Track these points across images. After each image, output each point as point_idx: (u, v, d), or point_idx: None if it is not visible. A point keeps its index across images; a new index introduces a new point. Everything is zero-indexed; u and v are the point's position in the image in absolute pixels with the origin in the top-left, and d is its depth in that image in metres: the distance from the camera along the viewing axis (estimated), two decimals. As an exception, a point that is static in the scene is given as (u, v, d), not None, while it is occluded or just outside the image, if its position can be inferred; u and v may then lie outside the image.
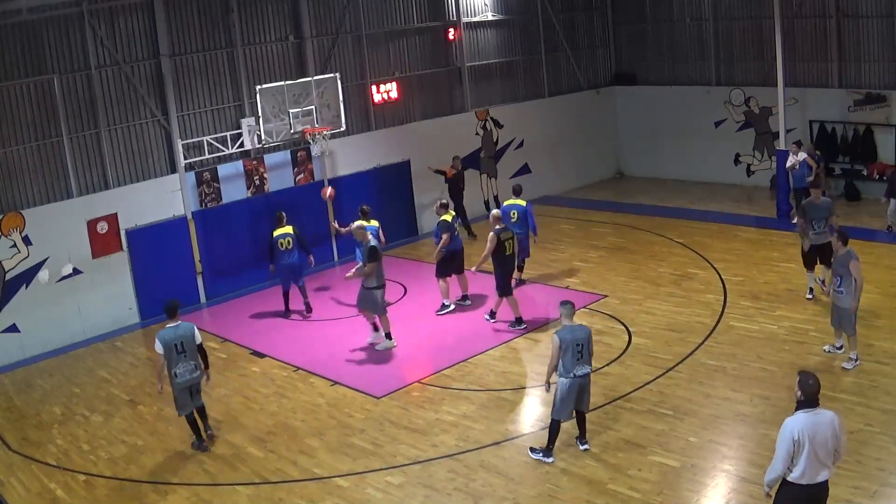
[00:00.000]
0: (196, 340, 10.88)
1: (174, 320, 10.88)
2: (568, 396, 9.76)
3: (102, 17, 15.74)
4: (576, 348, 9.63)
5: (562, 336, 9.66)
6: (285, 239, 15.36)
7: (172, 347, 10.72)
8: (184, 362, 10.79)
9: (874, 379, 11.04)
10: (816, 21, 20.39)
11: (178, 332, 10.80)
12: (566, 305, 9.97)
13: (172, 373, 10.78)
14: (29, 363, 14.92)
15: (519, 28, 22.58)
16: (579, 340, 9.65)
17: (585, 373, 9.75)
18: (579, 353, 9.65)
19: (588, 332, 9.81)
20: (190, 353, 10.82)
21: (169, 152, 16.75)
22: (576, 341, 9.64)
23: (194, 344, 10.86)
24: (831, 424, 7.10)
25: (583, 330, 9.79)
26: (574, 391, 9.74)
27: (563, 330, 9.76)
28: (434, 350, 13.86)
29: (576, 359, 9.65)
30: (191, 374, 10.88)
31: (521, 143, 22.46)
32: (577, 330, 9.75)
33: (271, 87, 16.61)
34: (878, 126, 19.42)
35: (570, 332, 9.71)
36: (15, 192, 15.10)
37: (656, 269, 16.37)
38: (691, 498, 8.96)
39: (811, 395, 7.15)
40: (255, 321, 15.89)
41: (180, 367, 10.78)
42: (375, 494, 9.71)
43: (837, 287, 11.39)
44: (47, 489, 10.53)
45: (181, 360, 10.76)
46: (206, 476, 10.47)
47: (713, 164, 22.69)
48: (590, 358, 9.81)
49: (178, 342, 10.74)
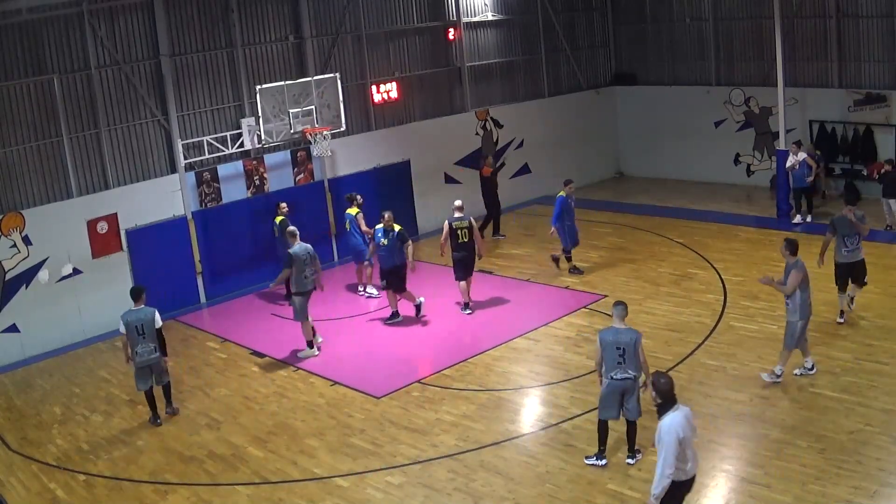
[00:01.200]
0: (156, 324, 11.68)
1: (138, 304, 11.75)
2: (607, 398, 9.57)
3: (102, 17, 15.75)
4: (616, 351, 9.37)
5: (602, 336, 9.51)
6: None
7: (133, 329, 11.60)
8: (142, 343, 11.65)
9: (874, 379, 11.03)
10: (816, 21, 20.40)
11: (139, 315, 11.65)
12: (618, 307, 9.67)
13: (133, 352, 11.69)
14: (29, 363, 14.92)
15: (519, 28, 22.58)
16: (621, 344, 9.36)
17: (625, 377, 9.40)
18: (621, 356, 9.36)
19: (633, 337, 9.40)
20: (149, 335, 11.65)
21: (169, 152, 16.76)
22: (617, 344, 9.37)
23: (154, 327, 11.66)
24: (692, 417, 7.57)
25: (628, 334, 9.43)
26: (614, 393, 9.49)
27: (606, 331, 9.57)
28: (434, 350, 13.87)
29: (616, 362, 9.39)
30: (149, 354, 11.71)
31: (521, 143, 22.46)
32: (621, 333, 9.44)
33: (271, 87, 16.61)
34: (878, 126, 19.43)
35: (614, 333, 9.46)
36: (15, 192, 15.10)
37: (656, 269, 16.37)
38: (691, 498, 8.93)
39: (669, 395, 7.44)
40: (255, 321, 15.89)
41: (139, 348, 11.66)
42: (375, 494, 9.71)
43: (786, 300, 11.07)
44: (47, 489, 10.53)
45: (140, 341, 11.64)
46: (206, 476, 10.47)
47: (713, 164, 22.70)
48: (635, 363, 9.41)
49: (138, 324, 11.61)
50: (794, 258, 10.99)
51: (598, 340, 9.54)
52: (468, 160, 21.36)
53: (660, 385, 7.46)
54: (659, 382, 7.47)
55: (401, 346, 14.07)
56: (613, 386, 9.46)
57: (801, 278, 10.81)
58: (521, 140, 22.44)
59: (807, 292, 10.92)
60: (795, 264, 10.92)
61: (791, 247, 11.04)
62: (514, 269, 17.28)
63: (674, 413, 7.39)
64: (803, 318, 10.93)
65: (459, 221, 14.92)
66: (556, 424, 10.83)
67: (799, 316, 10.91)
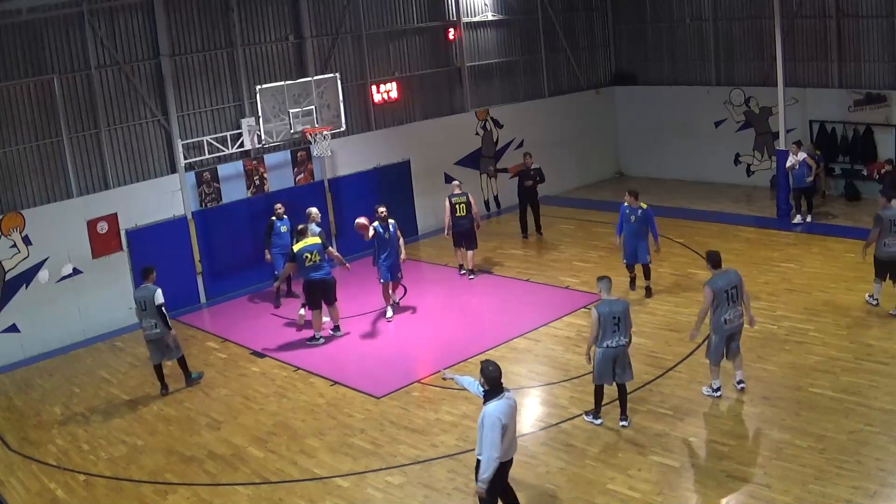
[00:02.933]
0: (156, 301, 12.41)
1: (146, 282, 12.65)
2: (602, 365, 10.29)
3: (102, 17, 15.75)
4: (612, 321, 10.14)
5: (600, 310, 10.17)
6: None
7: (138, 304, 12.64)
8: (145, 319, 12.59)
9: (874, 379, 11.03)
10: (816, 21, 20.40)
11: (143, 293, 12.58)
12: (605, 280, 10.43)
13: (141, 326, 12.77)
14: (29, 363, 14.92)
15: (519, 28, 22.58)
16: (616, 313, 10.16)
17: (619, 344, 10.21)
18: (616, 325, 10.16)
19: (625, 305, 10.35)
20: (150, 311, 12.48)
21: (169, 152, 16.76)
22: (612, 314, 10.15)
23: (154, 304, 12.40)
24: (516, 406, 7.96)
25: (619, 303, 10.33)
26: (608, 360, 10.25)
27: (601, 304, 10.28)
28: (434, 350, 13.87)
29: (612, 331, 10.17)
30: (150, 329, 12.57)
31: (521, 143, 22.45)
32: (614, 304, 10.27)
33: (271, 87, 16.60)
34: (878, 126, 19.42)
35: (608, 305, 10.23)
36: (15, 192, 15.10)
37: (656, 269, 16.34)
38: (691, 498, 8.96)
39: (496, 381, 7.81)
40: (255, 321, 15.89)
41: (143, 322, 12.65)
42: (375, 494, 9.71)
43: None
44: (47, 489, 10.53)
45: (144, 316, 12.59)
46: (206, 476, 10.47)
47: (713, 164, 22.69)
48: (627, 330, 10.28)
49: (142, 301, 12.58)
50: (713, 271, 10.81)
51: (594, 316, 10.17)
52: (468, 160, 21.36)
53: (487, 372, 7.81)
54: (487, 370, 7.82)
55: (401, 346, 14.08)
56: (609, 353, 10.24)
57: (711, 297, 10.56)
58: (521, 140, 22.44)
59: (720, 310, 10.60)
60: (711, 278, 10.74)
61: (711, 261, 10.88)
62: (514, 269, 17.28)
63: (498, 401, 7.75)
64: (717, 333, 10.73)
65: (458, 197, 16.66)
66: (556, 424, 10.83)
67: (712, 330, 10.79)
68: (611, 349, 10.20)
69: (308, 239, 13.98)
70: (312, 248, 13.87)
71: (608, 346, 10.19)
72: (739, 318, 10.76)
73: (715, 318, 10.67)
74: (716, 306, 10.61)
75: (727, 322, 10.64)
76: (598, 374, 10.39)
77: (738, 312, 10.69)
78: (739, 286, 10.70)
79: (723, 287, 10.58)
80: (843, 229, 17.63)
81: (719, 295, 10.55)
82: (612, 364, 10.27)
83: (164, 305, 12.54)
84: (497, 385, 7.83)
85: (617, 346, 10.19)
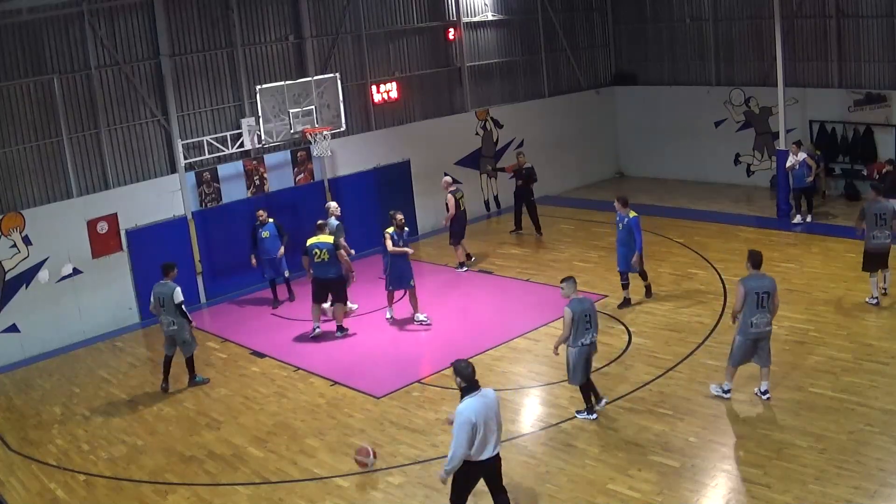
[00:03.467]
0: (174, 300, 12.53)
1: (166, 279, 12.72)
2: (582, 362, 10.55)
3: (102, 17, 15.74)
4: (584, 318, 10.43)
5: (574, 308, 10.41)
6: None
7: (157, 300, 12.71)
8: (164, 315, 12.70)
9: (874, 379, 11.03)
10: (816, 21, 20.40)
11: (163, 290, 12.66)
12: (569, 280, 10.66)
13: (159, 321, 12.93)
14: (29, 363, 14.92)
15: (519, 28, 22.58)
16: (586, 311, 10.46)
17: (593, 340, 10.61)
18: (587, 322, 10.47)
19: (592, 302, 10.72)
20: (168, 308, 12.59)
21: (169, 152, 16.75)
22: (584, 312, 10.43)
23: (172, 302, 12.53)
24: (496, 402, 7.93)
25: (587, 301, 10.67)
26: (584, 357, 10.55)
27: (572, 303, 10.49)
28: (434, 350, 13.87)
29: (584, 328, 10.46)
30: (168, 326, 12.72)
31: (521, 143, 22.45)
32: (584, 302, 10.58)
33: (271, 87, 16.61)
34: (878, 126, 19.42)
35: (580, 303, 10.49)
36: (15, 192, 15.10)
37: (656, 269, 16.33)
38: (691, 498, 8.96)
39: (470, 377, 7.82)
40: (255, 321, 15.89)
41: (161, 318, 12.78)
42: (375, 494, 9.71)
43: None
44: (47, 489, 10.53)
45: (162, 312, 12.70)
46: (206, 476, 10.47)
47: (713, 164, 22.69)
48: (596, 326, 10.63)
49: (161, 297, 12.66)
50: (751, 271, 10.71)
51: (568, 315, 10.39)
52: (468, 160, 21.36)
53: (461, 369, 7.84)
54: (460, 367, 7.85)
55: (401, 346, 14.07)
56: (584, 351, 10.53)
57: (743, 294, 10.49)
58: (521, 140, 22.44)
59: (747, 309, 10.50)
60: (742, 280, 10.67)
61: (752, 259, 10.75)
62: (514, 269, 17.28)
63: (471, 398, 7.78)
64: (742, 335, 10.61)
65: (459, 192, 17.54)
66: (556, 424, 10.84)
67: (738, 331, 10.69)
68: (586, 346, 10.51)
69: (321, 236, 14.27)
70: (322, 245, 14.14)
71: (583, 343, 10.47)
72: (767, 325, 10.51)
73: (742, 320, 10.55)
74: (745, 307, 10.48)
75: (753, 325, 10.45)
76: (580, 373, 10.62)
77: (766, 319, 10.47)
78: (772, 293, 10.45)
79: (754, 288, 10.40)
80: (843, 229, 17.59)
81: (750, 295, 10.39)
82: (588, 361, 10.63)
83: (183, 303, 12.66)
84: (472, 382, 7.84)
85: (591, 342, 10.56)
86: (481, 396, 7.83)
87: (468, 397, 7.80)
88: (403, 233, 14.57)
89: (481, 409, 7.74)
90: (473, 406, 7.73)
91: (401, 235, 14.51)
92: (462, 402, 7.82)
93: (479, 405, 7.74)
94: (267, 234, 16.03)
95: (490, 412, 7.82)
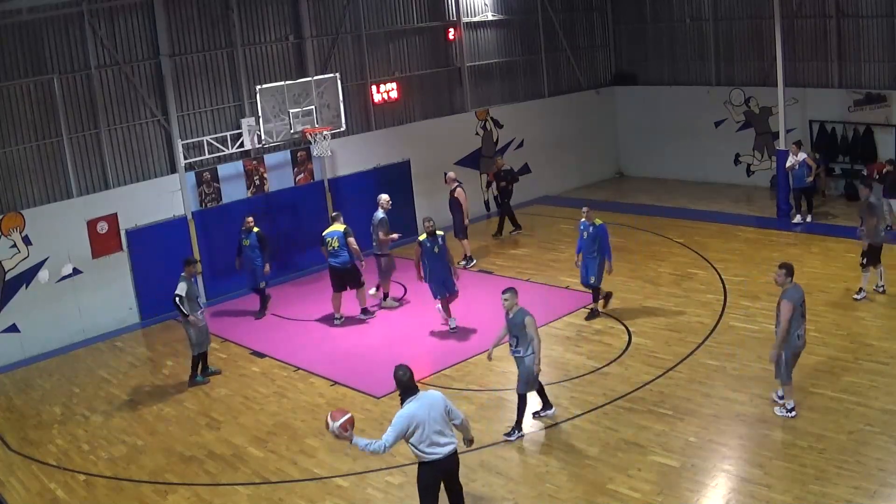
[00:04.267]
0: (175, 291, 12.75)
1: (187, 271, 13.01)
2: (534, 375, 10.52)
3: (102, 17, 15.75)
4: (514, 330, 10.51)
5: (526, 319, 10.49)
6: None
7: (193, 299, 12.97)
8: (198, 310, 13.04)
9: (874, 379, 11.03)
10: (816, 21, 20.40)
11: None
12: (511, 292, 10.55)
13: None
14: (29, 363, 14.92)
15: (519, 28, 22.58)
16: (514, 323, 10.46)
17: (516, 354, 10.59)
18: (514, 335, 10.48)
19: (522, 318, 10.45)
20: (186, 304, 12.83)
21: (169, 152, 16.76)
22: (511, 324, 10.51)
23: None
24: (442, 401, 7.95)
25: (520, 314, 10.48)
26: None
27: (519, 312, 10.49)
28: (434, 350, 13.86)
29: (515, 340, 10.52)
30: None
31: (521, 143, 22.46)
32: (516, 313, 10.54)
33: (271, 87, 16.61)
34: (878, 126, 19.42)
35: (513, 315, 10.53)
36: (15, 192, 15.10)
37: (656, 269, 16.37)
38: (691, 498, 8.96)
39: (406, 385, 7.86)
40: (255, 321, 15.89)
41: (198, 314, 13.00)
42: (375, 494, 9.71)
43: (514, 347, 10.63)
44: (47, 489, 10.53)
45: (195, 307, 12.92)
46: (206, 476, 10.48)
47: (713, 164, 22.69)
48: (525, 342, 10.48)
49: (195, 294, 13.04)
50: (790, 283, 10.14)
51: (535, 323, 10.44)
52: (468, 160, 21.36)
53: (398, 378, 7.88)
54: (397, 375, 7.89)
55: (401, 346, 14.06)
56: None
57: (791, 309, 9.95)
58: (521, 140, 22.44)
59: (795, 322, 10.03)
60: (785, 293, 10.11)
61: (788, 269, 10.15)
62: (514, 269, 17.28)
63: (410, 402, 7.82)
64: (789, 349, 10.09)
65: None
66: (556, 424, 10.84)
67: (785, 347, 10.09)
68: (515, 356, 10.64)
69: (333, 225, 14.92)
70: (333, 234, 14.78)
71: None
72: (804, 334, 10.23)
73: (791, 333, 9.98)
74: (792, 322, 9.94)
75: (799, 338, 10.06)
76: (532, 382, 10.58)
77: (804, 329, 10.19)
78: (805, 302, 10.21)
79: (798, 300, 9.99)
80: (843, 229, 17.60)
81: (796, 308, 9.93)
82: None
83: (178, 297, 12.70)
84: (408, 388, 7.86)
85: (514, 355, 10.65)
86: (420, 400, 7.85)
87: (408, 402, 7.83)
88: (437, 238, 14.01)
89: (420, 411, 7.76)
90: (412, 409, 7.78)
91: (434, 242, 14.01)
92: (402, 406, 7.86)
93: (416, 408, 7.77)
94: (247, 241, 15.64)
95: (433, 412, 7.83)
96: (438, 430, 7.83)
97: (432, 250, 13.99)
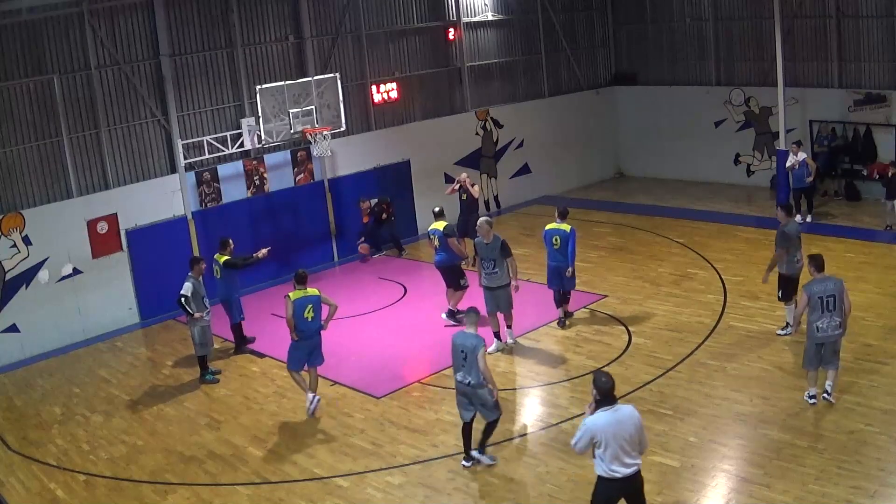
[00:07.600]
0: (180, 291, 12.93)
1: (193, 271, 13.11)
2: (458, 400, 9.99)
3: (102, 17, 15.75)
4: (460, 355, 9.69)
5: (453, 338, 9.91)
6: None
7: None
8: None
9: (874, 379, 11.03)
10: (816, 21, 20.39)
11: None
12: (472, 313, 9.98)
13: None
14: (29, 363, 14.92)
15: (519, 28, 22.58)
16: (464, 347, 9.67)
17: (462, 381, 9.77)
18: (463, 360, 9.66)
19: (474, 344, 9.61)
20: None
21: (169, 152, 16.75)
22: (462, 347, 9.69)
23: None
24: (632, 418, 7.41)
25: (472, 339, 9.66)
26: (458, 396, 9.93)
27: (457, 334, 9.95)
28: (434, 350, 13.84)
29: (460, 365, 9.72)
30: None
31: (521, 143, 22.46)
32: (467, 337, 9.73)
33: (271, 87, 16.60)
34: (878, 126, 19.42)
35: (462, 337, 9.79)
36: (15, 192, 15.10)
37: (656, 269, 16.36)
38: (691, 498, 8.96)
39: (607, 394, 7.42)
40: (255, 321, 15.86)
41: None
42: (375, 494, 9.71)
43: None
44: (47, 489, 10.53)
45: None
46: (206, 476, 10.47)
47: (713, 164, 22.69)
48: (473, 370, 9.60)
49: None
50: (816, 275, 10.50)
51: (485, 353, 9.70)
52: (468, 160, 21.35)
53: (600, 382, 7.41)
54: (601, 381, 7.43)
55: (401, 346, 14.07)
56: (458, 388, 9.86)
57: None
58: (521, 140, 22.44)
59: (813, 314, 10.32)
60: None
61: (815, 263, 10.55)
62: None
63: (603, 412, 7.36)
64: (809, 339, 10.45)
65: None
66: (556, 424, 10.83)
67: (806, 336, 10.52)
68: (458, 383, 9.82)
69: (436, 222, 14.48)
70: (433, 232, 14.42)
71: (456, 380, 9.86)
72: (835, 329, 10.24)
73: (808, 324, 10.34)
74: (810, 312, 10.31)
75: (819, 330, 10.24)
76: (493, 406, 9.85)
77: (834, 323, 10.21)
78: (838, 296, 10.21)
79: (817, 293, 10.22)
80: (843, 229, 17.64)
81: (813, 300, 10.21)
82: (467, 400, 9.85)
83: (183, 297, 12.74)
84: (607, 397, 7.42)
85: (460, 382, 9.77)
86: (613, 411, 7.39)
87: (598, 411, 7.41)
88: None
89: (609, 425, 7.33)
90: (599, 421, 7.36)
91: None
92: (593, 414, 7.44)
93: (607, 420, 7.34)
94: (220, 275, 14.18)
95: (621, 429, 7.33)
96: (625, 448, 7.34)
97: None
